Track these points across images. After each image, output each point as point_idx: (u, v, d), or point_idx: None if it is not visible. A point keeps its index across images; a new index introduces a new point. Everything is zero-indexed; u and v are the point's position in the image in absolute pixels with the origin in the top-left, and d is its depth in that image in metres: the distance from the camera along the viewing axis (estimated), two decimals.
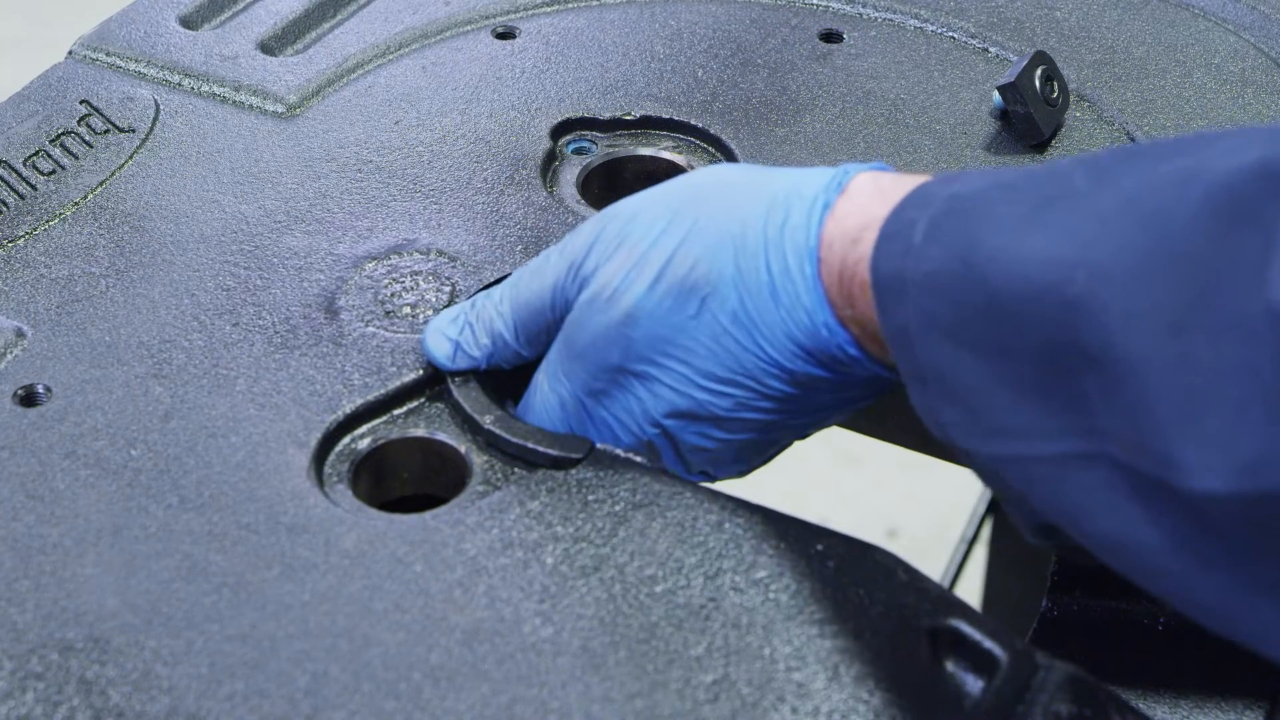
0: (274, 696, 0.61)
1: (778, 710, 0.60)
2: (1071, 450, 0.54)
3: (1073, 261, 0.53)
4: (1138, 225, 0.53)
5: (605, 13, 1.02)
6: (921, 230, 0.59)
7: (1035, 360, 0.55)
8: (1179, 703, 0.69)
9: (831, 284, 0.63)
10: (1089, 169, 0.57)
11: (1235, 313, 0.49)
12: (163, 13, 1.00)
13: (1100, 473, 0.53)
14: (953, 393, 0.58)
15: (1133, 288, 0.52)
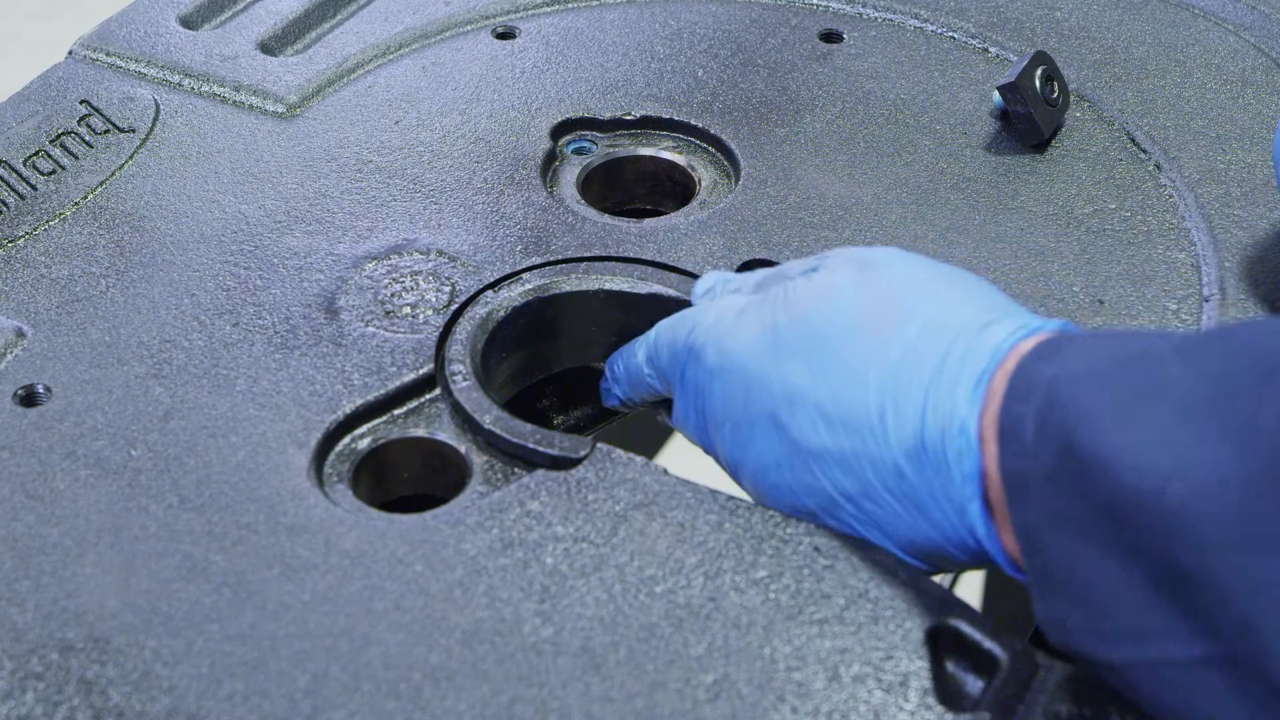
0: (274, 696, 0.61)
1: (778, 710, 0.60)
2: (1204, 654, 0.53)
3: (1167, 472, 0.52)
4: (1228, 431, 0.52)
5: (605, 13, 1.02)
6: (1031, 428, 0.57)
7: (1158, 561, 0.53)
8: None
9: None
10: (1183, 353, 0.55)
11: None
12: (163, 13, 1.00)
13: (1229, 676, 0.52)
14: (1080, 594, 0.56)
15: (1225, 503, 0.51)
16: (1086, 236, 0.85)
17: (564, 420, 0.83)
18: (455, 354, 0.76)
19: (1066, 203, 0.87)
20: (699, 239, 0.83)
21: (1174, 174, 0.89)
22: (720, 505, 0.68)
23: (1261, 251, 0.84)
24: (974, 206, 0.86)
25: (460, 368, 0.75)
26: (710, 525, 0.67)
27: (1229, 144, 0.91)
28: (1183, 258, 0.83)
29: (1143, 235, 0.85)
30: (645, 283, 0.80)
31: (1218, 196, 0.87)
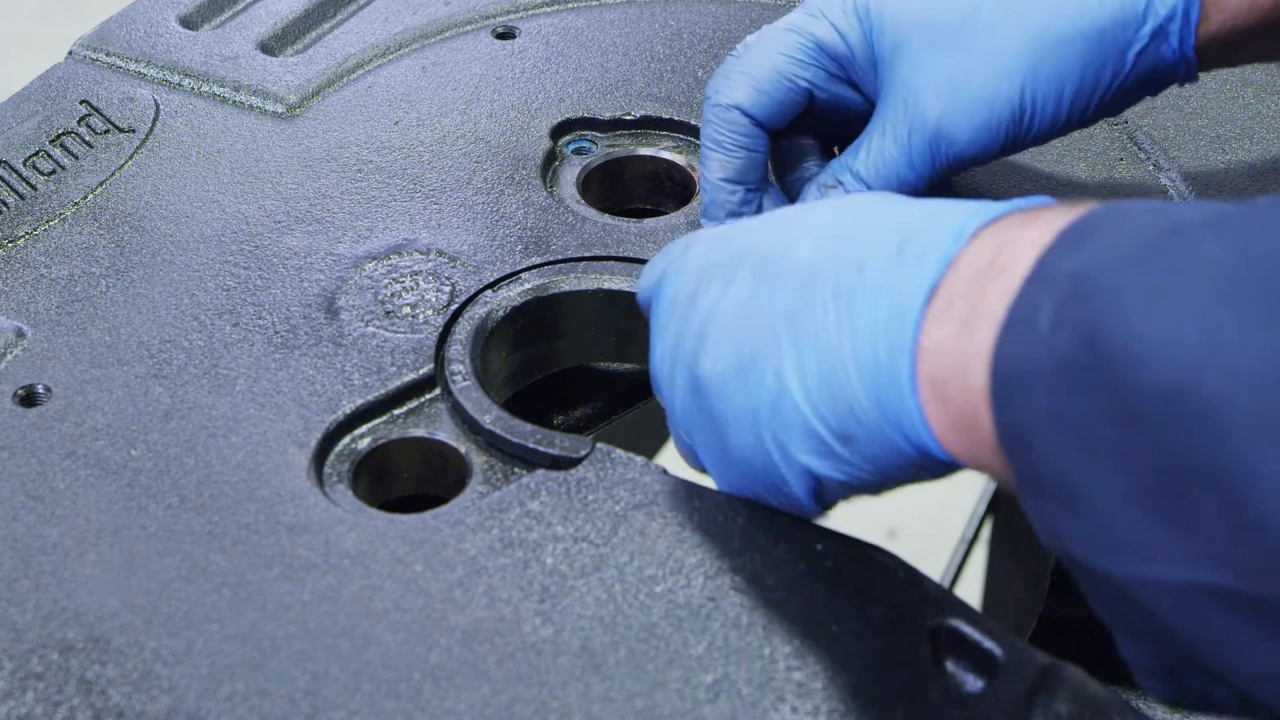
0: (274, 696, 0.61)
1: (778, 710, 0.60)
2: (1196, 579, 0.49)
3: (1202, 360, 0.47)
4: (1272, 314, 0.47)
5: (605, 13, 1.02)
6: (1048, 316, 0.51)
7: (1161, 470, 0.49)
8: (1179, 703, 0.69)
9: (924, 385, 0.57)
10: (1218, 229, 0.50)
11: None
12: (163, 13, 1.00)
13: (1227, 606, 0.48)
14: (1077, 503, 0.51)
15: (1267, 392, 0.46)
16: None
17: (564, 420, 0.83)
18: (455, 354, 0.76)
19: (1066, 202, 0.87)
20: None
21: (1174, 174, 0.89)
22: (720, 505, 0.68)
23: None
24: None
25: (460, 368, 0.75)
26: (710, 525, 0.67)
27: (1229, 144, 0.91)
28: None
29: None
30: None
31: (1218, 196, 0.87)
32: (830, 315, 0.59)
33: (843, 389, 0.58)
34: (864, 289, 0.58)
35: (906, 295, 0.56)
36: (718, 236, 0.66)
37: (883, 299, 0.57)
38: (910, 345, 0.56)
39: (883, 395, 0.57)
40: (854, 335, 0.58)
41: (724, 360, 0.62)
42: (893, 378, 0.56)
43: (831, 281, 0.59)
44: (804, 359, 0.59)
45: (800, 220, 0.63)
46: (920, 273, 0.56)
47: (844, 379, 0.58)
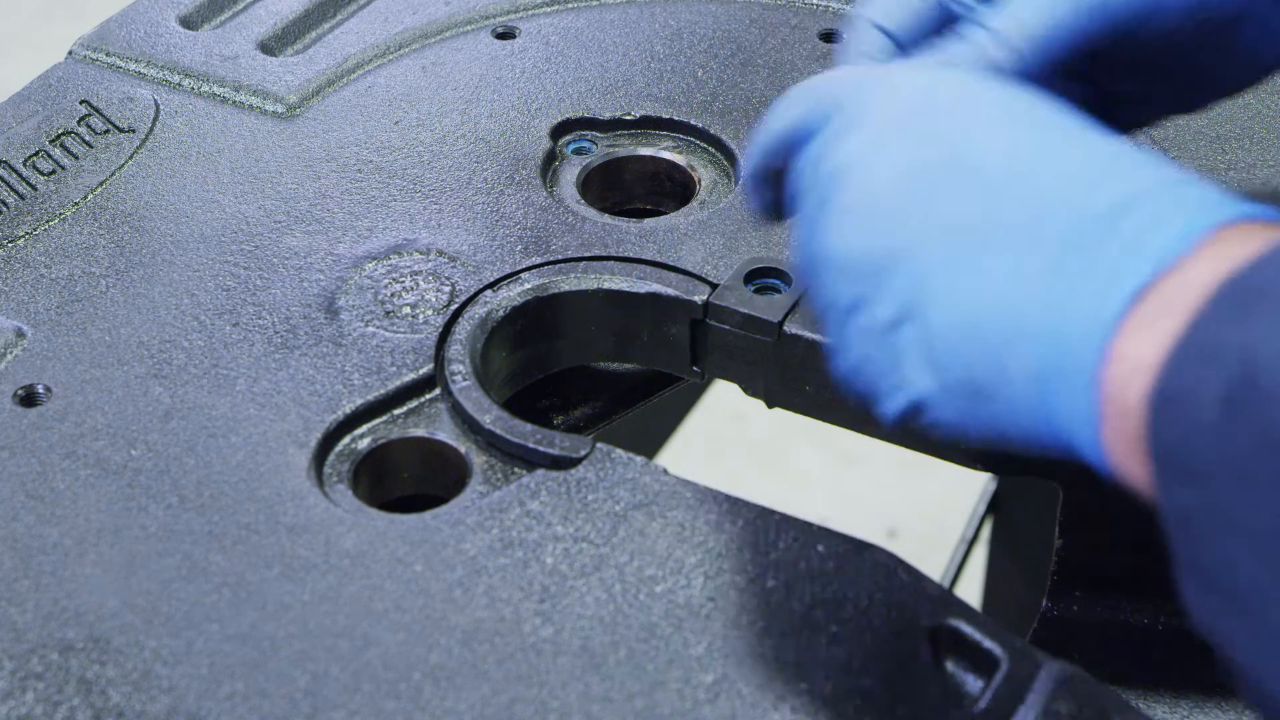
0: (274, 696, 0.61)
1: (778, 710, 0.60)
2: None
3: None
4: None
5: (605, 13, 1.02)
6: (1215, 405, 0.46)
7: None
8: (1179, 703, 0.69)
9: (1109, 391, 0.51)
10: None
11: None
12: (163, 13, 1.00)
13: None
14: (1247, 610, 0.46)
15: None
16: None
17: (564, 420, 0.83)
18: (455, 354, 0.76)
19: None
20: (699, 239, 0.83)
21: None
22: (720, 505, 0.68)
23: None
24: None
25: (460, 368, 0.75)
26: (710, 525, 0.67)
27: (1229, 144, 0.91)
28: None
29: None
30: (645, 282, 0.80)
31: None
32: (1009, 257, 0.53)
33: (999, 343, 0.52)
34: (1054, 243, 0.52)
35: (1112, 284, 0.50)
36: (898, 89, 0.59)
37: (1086, 271, 0.51)
38: (1104, 341, 0.50)
39: (1050, 376, 0.51)
40: (1035, 292, 0.52)
41: (858, 240, 0.56)
42: (1074, 368, 0.51)
43: (1018, 211, 0.53)
44: (961, 286, 0.53)
45: (987, 107, 0.56)
46: (1136, 266, 0.50)
47: (1007, 333, 0.52)
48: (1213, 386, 0.46)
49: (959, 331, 0.54)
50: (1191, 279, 0.49)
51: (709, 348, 0.79)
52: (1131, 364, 0.49)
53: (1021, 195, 0.53)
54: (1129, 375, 0.49)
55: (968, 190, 0.54)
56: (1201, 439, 0.46)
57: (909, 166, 0.56)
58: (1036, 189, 0.53)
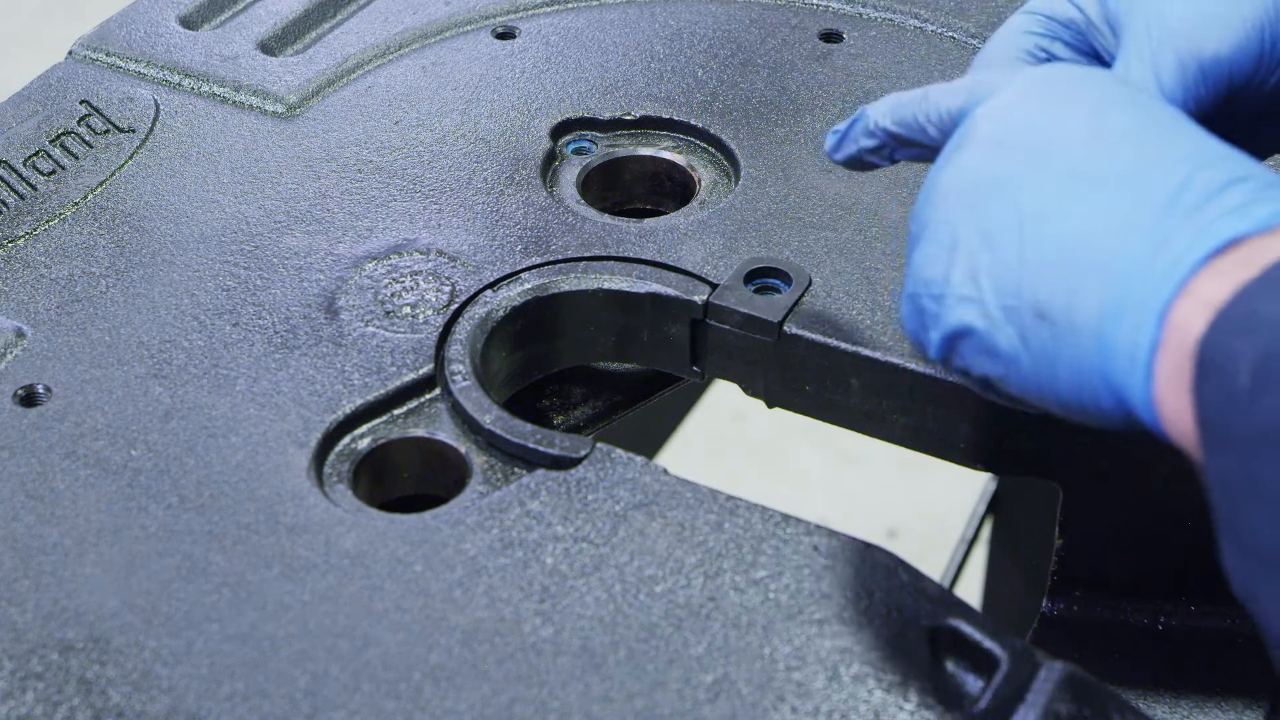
0: (274, 696, 0.61)
1: (778, 710, 0.60)
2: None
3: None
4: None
5: (605, 13, 1.02)
6: (1247, 373, 0.48)
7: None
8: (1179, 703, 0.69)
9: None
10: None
11: None
12: (163, 13, 1.00)
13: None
14: (1275, 573, 0.49)
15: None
16: None
17: (564, 420, 0.83)
18: (455, 354, 0.76)
19: None
20: (699, 239, 0.83)
21: None
22: (720, 505, 0.68)
23: None
24: None
25: (460, 368, 0.75)
26: (710, 525, 0.67)
27: None
28: None
29: None
30: (645, 282, 0.80)
31: None
32: (1116, 199, 0.55)
33: (1076, 272, 0.55)
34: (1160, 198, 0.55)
35: (1203, 233, 0.53)
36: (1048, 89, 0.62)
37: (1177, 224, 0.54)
38: (1181, 279, 0.52)
39: (1118, 307, 0.54)
40: (1124, 235, 0.54)
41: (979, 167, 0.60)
42: (1147, 298, 0.53)
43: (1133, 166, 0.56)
44: (1062, 215, 0.56)
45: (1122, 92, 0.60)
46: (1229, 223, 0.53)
47: (1086, 264, 0.55)
48: (1246, 357, 0.48)
49: (1046, 256, 0.56)
50: (1275, 245, 0.52)
51: (709, 348, 0.79)
52: (1200, 300, 0.52)
53: (1140, 157, 0.56)
54: (1196, 310, 0.52)
55: (1093, 143, 0.58)
56: (1234, 406, 0.49)
57: (1043, 116, 0.59)
58: (1154, 156, 0.56)
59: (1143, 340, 0.53)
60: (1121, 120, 0.58)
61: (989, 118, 0.61)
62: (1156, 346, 0.53)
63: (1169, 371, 0.52)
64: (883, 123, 0.68)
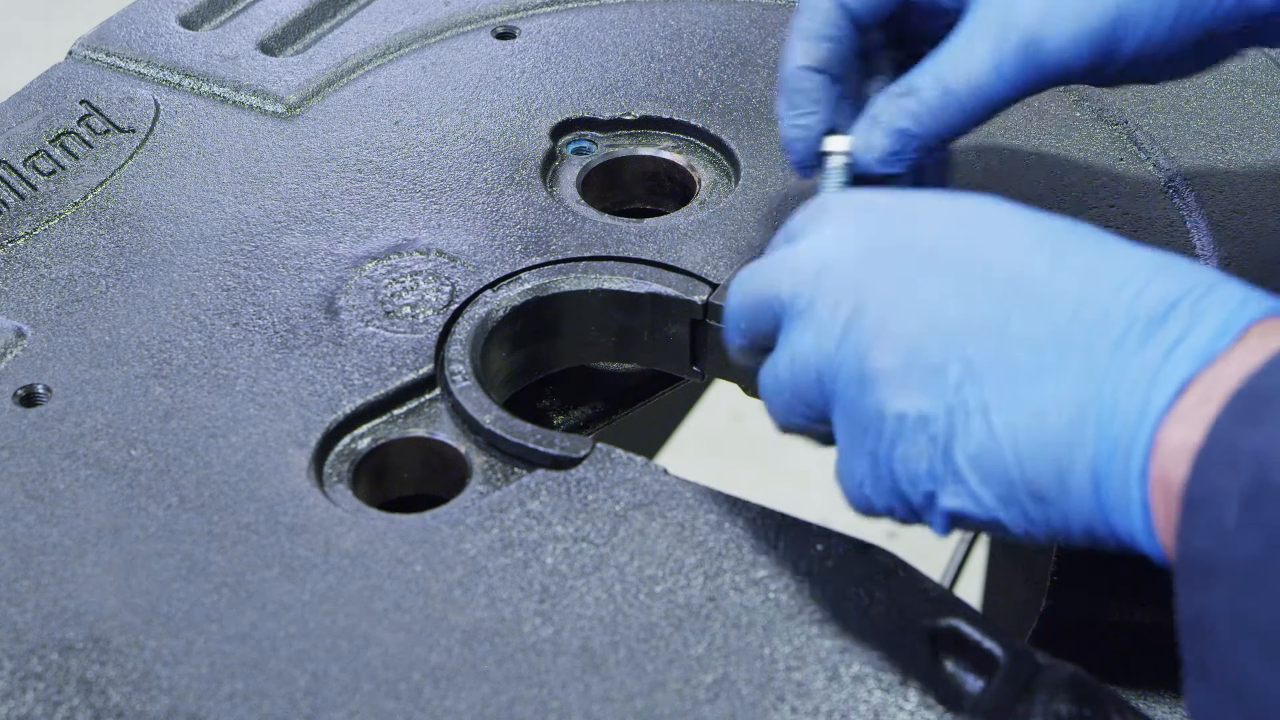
0: (274, 696, 0.61)
1: (778, 710, 0.60)
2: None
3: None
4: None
5: (605, 13, 1.02)
6: (1234, 512, 0.49)
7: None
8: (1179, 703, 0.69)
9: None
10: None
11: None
12: (163, 13, 1.00)
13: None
14: (1254, 707, 0.48)
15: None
16: None
17: (564, 420, 0.83)
18: (455, 354, 0.76)
19: (1066, 202, 0.87)
20: (699, 239, 0.83)
21: (1174, 174, 0.89)
22: (720, 505, 0.68)
23: (1262, 252, 0.84)
24: None
25: (460, 368, 0.75)
26: (710, 525, 0.67)
27: (1229, 144, 0.91)
28: (1182, 257, 0.83)
29: (1143, 235, 0.85)
30: (645, 282, 0.80)
31: (1218, 196, 0.87)
32: (1060, 359, 0.55)
33: (1058, 447, 0.54)
34: (1104, 345, 0.54)
35: (1155, 380, 0.53)
36: (871, 216, 0.61)
37: (1131, 370, 0.53)
38: (1150, 434, 0.53)
39: (1104, 474, 0.54)
40: (1082, 394, 0.54)
41: (899, 357, 0.58)
42: (1123, 461, 0.53)
43: (1066, 318, 0.55)
44: (1017, 392, 0.55)
45: (1012, 223, 0.59)
46: (1176, 362, 0.53)
47: (1063, 437, 0.54)
48: (1232, 493, 0.49)
49: (1021, 438, 0.55)
50: (1227, 372, 0.52)
51: (709, 348, 0.79)
52: (1175, 451, 0.52)
53: (1070, 305, 0.56)
54: (1175, 462, 0.52)
55: (1019, 302, 0.57)
56: (1220, 542, 0.49)
57: (959, 285, 0.58)
58: (1084, 298, 0.56)
59: (1134, 500, 0.53)
60: (1035, 267, 0.57)
61: (895, 300, 0.59)
62: (1149, 504, 0.53)
63: (1165, 523, 0.53)
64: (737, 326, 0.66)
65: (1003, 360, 0.56)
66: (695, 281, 0.80)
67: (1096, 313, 0.55)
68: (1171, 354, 0.53)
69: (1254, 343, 0.52)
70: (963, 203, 0.61)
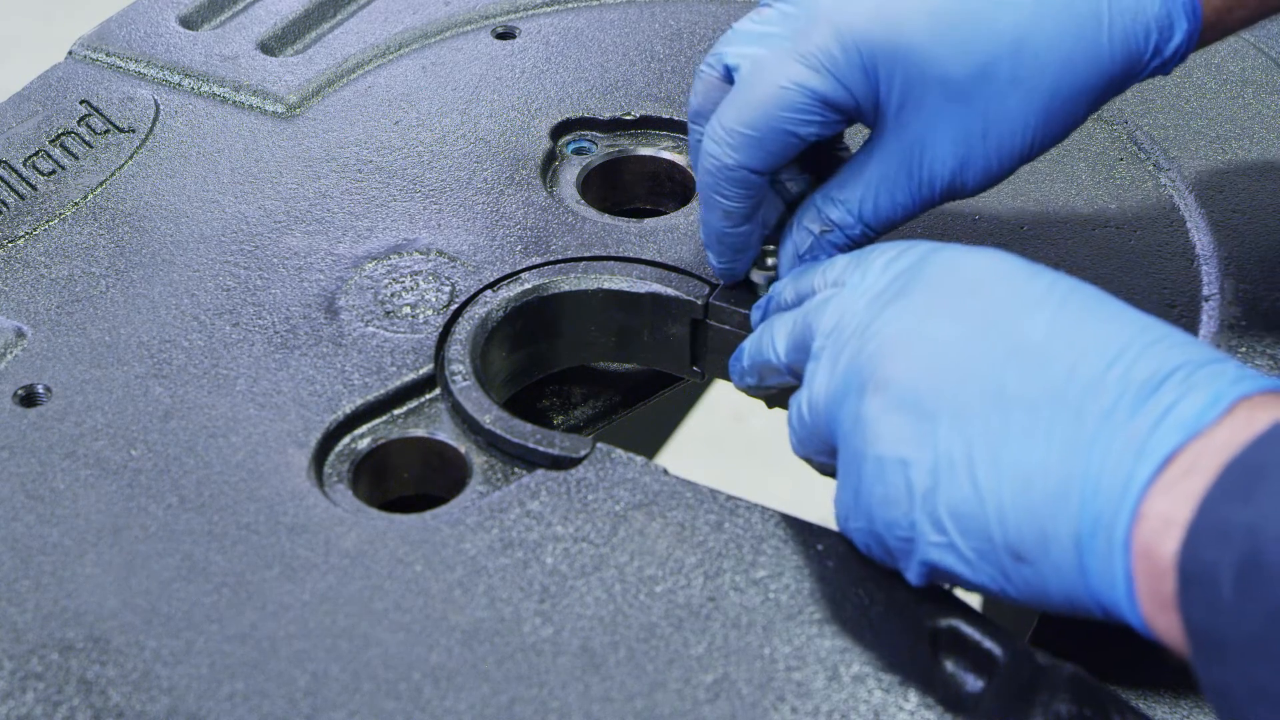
0: (274, 696, 0.61)
1: (778, 710, 0.60)
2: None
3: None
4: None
5: (605, 13, 1.02)
6: (1229, 584, 0.49)
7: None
8: (1179, 702, 0.69)
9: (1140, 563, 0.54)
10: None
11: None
12: (163, 13, 1.00)
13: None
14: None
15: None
16: (1086, 236, 0.84)
17: (564, 420, 0.83)
18: (455, 354, 0.76)
19: (1066, 203, 0.87)
20: (699, 239, 0.83)
21: (1174, 174, 0.89)
22: (720, 505, 0.68)
23: (1262, 252, 0.84)
24: (972, 207, 0.86)
25: (460, 368, 0.75)
26: (710, 525, 0.67)
27: (1229, 144, 0.91)
28: (1182, 258, 0.83)
29: (1143, 235, 0.85)
30: (645, 282, 0.80)
31: (1218, 196, 0.87)
32: (1050, 422, 0.55)
33: (1042, 509, 0.55)
34: (1095, 413, 0.55)
35: (1142, 451, 0.54)
36: (896, 268, 0.63)
37: (1119, 438, 0.54)
38: (1134, 504, 0.53)
39: (1087, 541, 0.54)
40: (1070, 462, 0.55)
41: (889, 401, 0.59)
42: (1107, 530, 0.54)
43: (1060, 381, 0.56)
44: (1005, 451, 0.56)
45: (1018, 281, 0.60)
46: (1163, 434, 0.53)
47: (1048, 499, 0.55)
48: (1226, 567, 0.49)
49: (1005, 498, 0.56)
50: (1215, 444, 0.52)
51: (709, 348, 0.79)
52: (1158, 522, 0.52)
53: (1065, 369, 0.56)
54: (1158, 534, 0.52)
55: (1015, 363, 0.57)
56: (1221, 617, 0.50)
57: (958, 340, 0.59)
58: (1079, 364, 0.56)
59: (1117, 569, 0.54)
60: (1034, 330, 0.58)
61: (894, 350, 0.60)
62: (1131, 574, 0.53)
63: (1148, 592, 0.53)
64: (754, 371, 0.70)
65: (994, 417, 0.57)
66: (695, 281, 0.80)
67: (1090, 378, 0.56)
68: (1159, 426, 0.54)
69: (1241, 416, 0.53)
70: (976, 258, 0.62)
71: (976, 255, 0.62)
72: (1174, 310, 0.80)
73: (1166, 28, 0.70)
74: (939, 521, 0.58)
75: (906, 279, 0.62)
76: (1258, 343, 0.79)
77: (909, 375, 0.59)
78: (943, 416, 0.58)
